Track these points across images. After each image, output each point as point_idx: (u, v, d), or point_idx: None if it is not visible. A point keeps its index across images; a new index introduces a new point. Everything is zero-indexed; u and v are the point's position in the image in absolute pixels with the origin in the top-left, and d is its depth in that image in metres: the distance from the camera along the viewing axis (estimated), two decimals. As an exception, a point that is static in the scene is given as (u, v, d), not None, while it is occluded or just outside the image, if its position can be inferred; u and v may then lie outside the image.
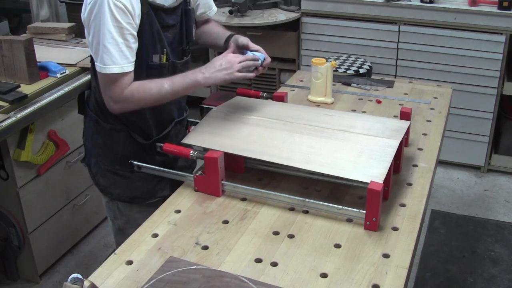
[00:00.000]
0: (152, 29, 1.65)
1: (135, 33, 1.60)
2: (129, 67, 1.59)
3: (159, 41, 1.68)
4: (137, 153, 1.79)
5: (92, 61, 1.74)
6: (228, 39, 1.89)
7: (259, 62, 1.71)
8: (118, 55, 1.56)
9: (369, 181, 1.44)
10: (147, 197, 1.86)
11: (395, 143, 1.60)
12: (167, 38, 1.72)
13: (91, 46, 1.62)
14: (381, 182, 1.44)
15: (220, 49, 1.93)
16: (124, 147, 1.79)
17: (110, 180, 1.84)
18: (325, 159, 1.56)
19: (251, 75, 1.69)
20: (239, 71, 1.65)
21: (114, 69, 1.57)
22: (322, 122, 1.74)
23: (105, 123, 1.78)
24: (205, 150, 1.64)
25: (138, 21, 1.60)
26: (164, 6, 1.68)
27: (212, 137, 1.69)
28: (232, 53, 1.70)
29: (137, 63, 1.62)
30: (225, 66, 1.65)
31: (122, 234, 1.85)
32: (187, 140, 1.73)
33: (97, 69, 1.60)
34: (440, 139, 1.93)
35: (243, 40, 1.82)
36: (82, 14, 1.63)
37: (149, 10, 1.62)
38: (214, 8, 1.99)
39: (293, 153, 1.59)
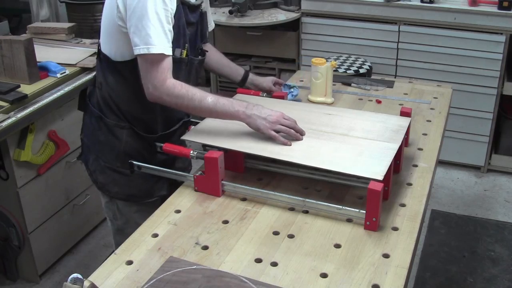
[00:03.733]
0: (179, 23, 1.66)
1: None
2: (171, 50, 1.59)
3: (183, 36, 1.69)
4: (139, 150, 1.80)
5: (99, 56, 1.74)
6: (245, 78, 1.99)
7: (301, 138, 1.65)
8: (163, 37, 1.56)
9: (369, 176, 1.44)
10: (145, 196, 1.86)
11: (395, 146, 1.60)
12: (187, 35, 1.73)
13: (132, 27, 1.56)
14: (381, 178, 1.44)
15: (234, 84, 2.03)
16: (125, 144, 1.79)
17: (109, 177, 1.84)
18: (325, 157, 1.56)
19: (282, 141, 1.61)
20: (276, 131, 1.61)
21: (159, 49, 1.55)
22: (322, 125, 1.74)
23: (108, 120, 1.78)
24: (205, 150, 1.65)
25: (174, 12, 1.61)
26: (190, 2, 1.70)
27: (212, 134, 1.69)
28: (285, 114, 1.65)
29: None
30: (269, 119, 1.62)
31: (122, 234, 1.85)
32: (187, 137, 1.73)
33: (140, 51, 1.56)
34: (440, 139, 1.93)
35: (265, 84, 1.88)
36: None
37: (179, 4, 1.64)
38: (213, 23, 2.00)
39: (292, 151, 1.60)
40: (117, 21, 1.62)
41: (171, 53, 1.60)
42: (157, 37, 1.55)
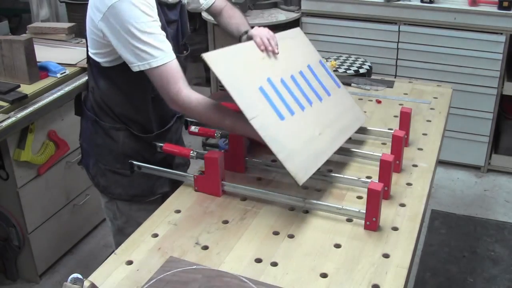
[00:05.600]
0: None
1: None
2: (172, 55, 1.56)
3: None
4: (137, 150, 1.79)
5: (89, 61, 1.74)
6: (240, 38, 1.90)
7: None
8: (159, 46, 1.53)
9: None
10: (148, 194, 1.86)
11: None
12: (170, 33, 1.72)
13: (122, 48, 1.54)
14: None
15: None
16: (123, 145, 1.79)
17: (110, 179, 1.83)
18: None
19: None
20: None
21: (158, 61, 1.53)
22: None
23: (104, 123, 1.78)
24: (205, 150, 1.64)
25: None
26: (168, 2, 1.69)
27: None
28: None
29: None
30: None
31: (122, 233, 1.85)
32: None
33: (140, 68, 1.54)
34: (440, 139, 1.94)
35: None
36: (94, 20, 1.60)
37: (157, 5, 1.63)
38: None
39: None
40: (100, 34, 1.60)
41: (173, 58, 1.56)
42: (152, 49, 1.52)
